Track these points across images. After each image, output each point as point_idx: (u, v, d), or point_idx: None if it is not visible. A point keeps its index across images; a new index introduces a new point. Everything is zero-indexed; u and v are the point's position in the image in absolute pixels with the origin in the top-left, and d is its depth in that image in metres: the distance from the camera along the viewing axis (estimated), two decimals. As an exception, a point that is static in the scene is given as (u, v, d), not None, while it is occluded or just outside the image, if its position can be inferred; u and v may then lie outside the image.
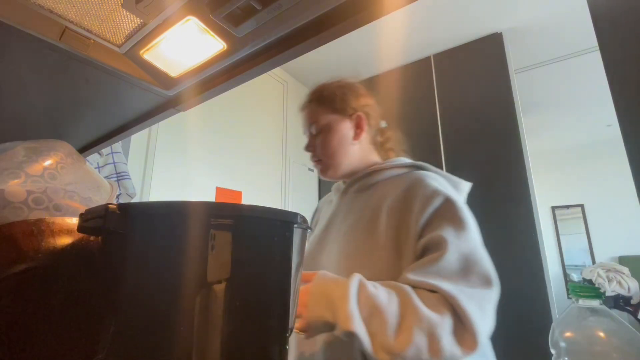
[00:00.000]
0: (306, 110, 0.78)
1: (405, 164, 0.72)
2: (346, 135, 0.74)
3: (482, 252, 0.57)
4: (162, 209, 0.29)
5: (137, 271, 0.29)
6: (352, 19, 0.43)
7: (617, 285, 2.28)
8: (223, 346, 0.27)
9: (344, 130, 0.74)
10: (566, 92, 3.13)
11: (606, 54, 0.37)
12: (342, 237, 0.67)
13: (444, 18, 2.17)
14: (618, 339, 0.38)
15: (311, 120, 0.75)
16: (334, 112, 0.74)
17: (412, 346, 0.46)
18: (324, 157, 0.74)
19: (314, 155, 0.76)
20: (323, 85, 0.79)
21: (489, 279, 0.54)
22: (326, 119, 0.74)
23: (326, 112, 0.74)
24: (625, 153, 0.34)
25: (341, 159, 0.73)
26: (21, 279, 0.35)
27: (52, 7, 0.46)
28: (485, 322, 0.51)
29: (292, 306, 0.33)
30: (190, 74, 0.58)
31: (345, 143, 0.73)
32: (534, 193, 1.87)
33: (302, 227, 0.35)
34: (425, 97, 2.39)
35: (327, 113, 0.74)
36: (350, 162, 0.74)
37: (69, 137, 0.78)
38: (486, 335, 0.50)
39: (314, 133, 0.75)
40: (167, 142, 1.83)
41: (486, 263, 0.55)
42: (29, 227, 0.37)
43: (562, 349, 0.41)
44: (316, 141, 0.74)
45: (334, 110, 0.74)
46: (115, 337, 0.27)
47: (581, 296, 0.43)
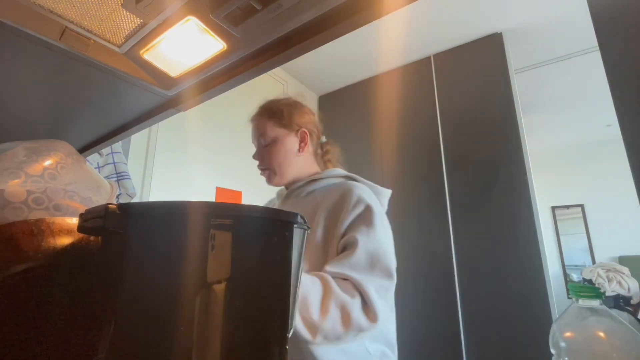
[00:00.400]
0: (255, 122, 0.87)
1: (340, 174, 0.84)
2: (291, 149, 0.84)
3: (388, 250, 0.68)
4: (162, 209, 0.29)
5: (137, 271, 0.29)
6: (352, 19, 0.43)
7: (617, 285, 2.29)
8: (223, 346, 0.27)
9: (289, 143, 0.84)
10: (566, 92, 3.13)
11: (606, 54, 0.37)
12: None
13: (444, 18, 2.16)
14: (618, 339, 0.38)
15: (260, 131, 0.84)
16: (281, 127, 0.84)
17: (329, 319, 0.57)
18: (270, 167, 0.83)
19: (261, 164, 0.84)
20: (272, 101, 0.89)
21: (390, 272, 0.66)
22: (274, 132, 0.83)
23: (274, 126, 0.84)
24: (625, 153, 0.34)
25: (286, 168, 0.83)
26: (21, 279, 0.35)
27: (52, 7, 0.46)
28: (383, 303, 0.63)
29: (292, 306, 0.33)
30: (190, 74, 0.58)
31: (291, 155, 0.84)
32: (534, 193, 1.87)
33: (302, 227, 0.35)
34: (425, 97, 2.39)
35: (274, 127, 0.84)
36: (294, 172, 0.84)
37: (69, 137, 0.78)
38: (385, 315, 0.62)
39: (264, 144, 0.83)
40: (167, 142, 1.83)
41: (388, 259, 0.67)
42: (29, 227, 0.37)
43: (562, 349, 0.41)
44: (264, 151, 0.83)
45: (281, 125, 0.84)
46: (115, 337, 0.27)
47: (581, 296, 0.43)
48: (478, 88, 2.21)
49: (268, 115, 0.85)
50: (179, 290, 0.27)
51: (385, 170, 2.41)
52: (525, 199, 1.87)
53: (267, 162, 0.83)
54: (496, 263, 1.86)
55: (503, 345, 1.75)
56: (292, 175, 0.84)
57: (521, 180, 1.91)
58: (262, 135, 0.84)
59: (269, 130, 0.83)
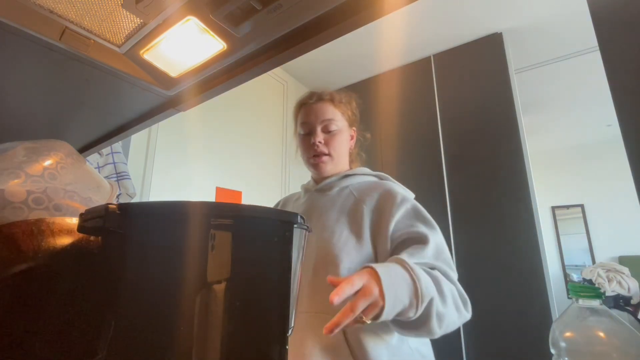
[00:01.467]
0: (323, 106, 0.83)
1: (370, 172, 0.86)
2: (347, 142, 0.87)
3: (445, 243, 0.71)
4: (162, 209, 0.29)
5: (137, 271, 0.29)
6: (352, 19, 0.43)
7: (617, 285, 2.28)
8: (223, 346, 0.27)
9: (348, 137, 0.86)
10: (566, 92, 3.13)
11: (606, 54, 0.37)
12: (321, 230, 0.74)
13: (444, 18, 2.16)
14: (618, 339, 0.38)
15: (329, 116, 0.82)
16: (345, 119, 0.85)
17: (449, 307, 0.58)
18: (332, 154, 0.82)
19: (319, 149, 0.81)
20: (338, 92, 0.87)
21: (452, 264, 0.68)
22: (342, 122, 0.84)
23: (342, 115, 0.84)
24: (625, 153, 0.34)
25: (340, 159, 0.84)
26: (21, 279, 0.35)
27: (52, 7, 0.46)
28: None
29: (292, 306, 0.33)
30: (190, 74, 0.58)
31: (346, 148, 0.86)
32: (534, 193, 1.87)
33: (302, 227, 0.35)
34: (425, 97, 2.39)
35: (342, 117, 0.84)
36: (341, 165, 0.85)
37: (69, 137, 0.78)
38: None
39: (328, 130, 0.82)
40: (167, 142, 1.83)
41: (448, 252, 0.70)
42: (29, 227, 0.37)
43: (562, 349, 0.41)
44: (328, 137, 0.82)
45: (346, 117, 0.85)
46: (115, 337, 0.27)
47: (581, 296, 0.43)
48: (478, 88, 2.21)
49: (337, 103, 0.84)
50: (179, 290, 0.27)
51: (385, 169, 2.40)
52: (525, 199, 1.87)
53: (330, 148, 0.82)
54: (496, 263, 1.86)
55: (503, 345, 1.75)
56: (339, 169, 0.85)
57: (521, 180, 1.91)
58: (331, 120, 0.82)
59: (338, 118, 0.83)
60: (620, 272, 2.35)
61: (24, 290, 0.35)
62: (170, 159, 1.83)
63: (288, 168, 2.65)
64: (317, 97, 0.85)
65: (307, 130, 0.83)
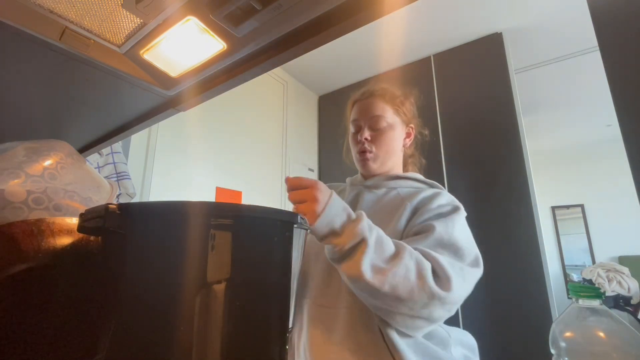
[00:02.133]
0: (373, 101, 0.81)
1: (422, 179, 0.82)
2: (400, 141, 0.82)
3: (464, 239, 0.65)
4: (162, 209, 0.29)
5: (137, 271, 0.29)
6: (352, 19, 0.43)
7: (617, 285, 2.28)
8: (223, 346, 0.27)
9: (400, 135, 0.82)
10: (566, 92, 3.13)
11: (606, 54, 0.37)
12: None
13: (444, 18, 2.16)
14: (618, 339, 0.38)
15: (379, 112, 0.79)
16: (397, 116, 0.81)
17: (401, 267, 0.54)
18: (378, 152, 0.79)
19: (365, 145, 0.79)
20: (390, 88, 0.84)
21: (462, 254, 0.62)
22: (393, 118, 0.80)
23: (394, 112, 0.81)
24: (625, 153, 0.34)
25: (389, 158, 0.80)
26: (21, 279, 0.35)
27: (52, 7, 0.46)
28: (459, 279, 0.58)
29: (292, 306, 0.33)
30: (190, 74, 0.58)
31: (398, 147, 0.82)
32: (534, 193, 1.87)
33: (302, 227, 0.35)
34: (425, 97, 2.38)
35: (394, 114, 0.80)
36: (390, 165, 0.82)
37: (69, 137, 0.78)
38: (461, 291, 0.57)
39: (378, 127, 0.79)
40: (167, 142, 1.83)
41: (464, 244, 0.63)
42: (29, 227, 0.37)
43: (562, 349, 0.41)
44: (376, 134, 0.79)
45: (399, 114, 0.82)
46: (115, 337, 0.27)
47: (581, 296, 0.43)
48: (478, 88, 2.21)
49: (389, 99, 0.81)
50: (179, 290, 0.27)
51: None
52: (525, 199, 1.87)
53: (376, 145, 0.78)
54: (496, 263, 1.86)
55: (503, 345, 1.75)
56: (388, 167, 0.81)
57: (521, 180, 1.91)
58: (380, 116, 0.78)
59: (389, 114, 0.79)
60: (620, 272, 2.35)
61: (24, 290, 0.35)
62: (171, 159, 1.83)
63: (288, 168, 2.64)
64: (369, 93, 0.82)
65: (356, 128, 0.81)
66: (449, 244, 0.62)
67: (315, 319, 0.68)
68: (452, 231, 0.64)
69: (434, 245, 0.61)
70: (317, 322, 0.67)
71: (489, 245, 1.89)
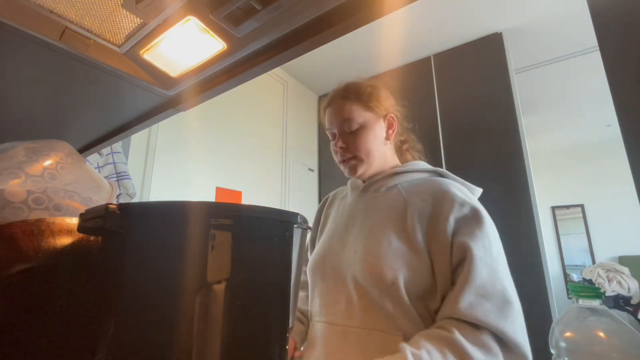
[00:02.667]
0: (337, 106, 0.75)
1: (425, 168, 0.74)
2: (380, 135, 0.75)
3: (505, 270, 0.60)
4: (162, 209, 0.29)
5: (137, 271, 0.29)
6: (352, 19, 0.43)
7: (617, 285, 2.28)
8: (223, 346, 0.27)
9: (378, 129, 0.75)
10: (566, 92, 3.13)
11: (606, 54, 0.37)
12: (366, 236, 0.67)
13: (444, 18, 2.16)
14: (618, 339, 0.38)
15: (345, 116, 0.73)
16: (369, 111, 0.74)
17: None
18: (358, 155, 0.73)
19: (345, 152, 0.74)
20: (354, 83, 0.78)
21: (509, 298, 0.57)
22: (363, 116, 0.73)
23: (362, 109, 0.74)
24: (625, 153, 0.34)
25: (374, 157, 0.74)
26: (21, 279, 0.35)
27: (52, 7, 0.46)
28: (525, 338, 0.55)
29: (292, 306, 0.33)
30: (190, 74, 0.58)
31: (379, 143, 0.75)
32: (534, 193, 1.87)
33: (302, 227, 0.35)
34: (425, 97, 2.39)
35: (362, 110, 0.74)
36: (380, 162, 0.75)
37: (69, 137, 0.78)
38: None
39: (348, 130, 0.73)
40: (167, 142, 1.83)
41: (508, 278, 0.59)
42: (29, 227, 0.37)
43: (562, 349, 0.41)
44: (349, 138, 0.73)
45: (369, 109, 0.75)
46: (115, 337, 0.27)
47: (581, 296, 0.43)
48: (478, 88, 2.21)
49: (354, 98, 0.74)
50: (179, 290, 0.27)
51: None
52: (525, 199, 1.87)
53: (354, 149, 0.72)
54: (496, 263, 1.86)
55: (503, 345, 1.75)
56: (378, 165, 0.75)
57: (521, 180, 1.91)
58: (348, 119, 0.73)
59: (357, 114, 0.73)
60: (620, 272, 2.35)
61: (24, 290, 0.35)
62: (170, 159, 1.83)
63: (288, 168, 2.65)
64: (332, 99, 0.77)
65: (331, 137, 0.77)
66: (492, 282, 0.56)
67: (326, 337, 0.64)
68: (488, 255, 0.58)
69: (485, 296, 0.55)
70: (328, 341, 0.64)
71: (489, 245, 1.89)
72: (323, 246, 0.74)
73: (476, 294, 0.54)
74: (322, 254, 0.72)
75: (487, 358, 0.51)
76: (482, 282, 0.55)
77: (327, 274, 0.69)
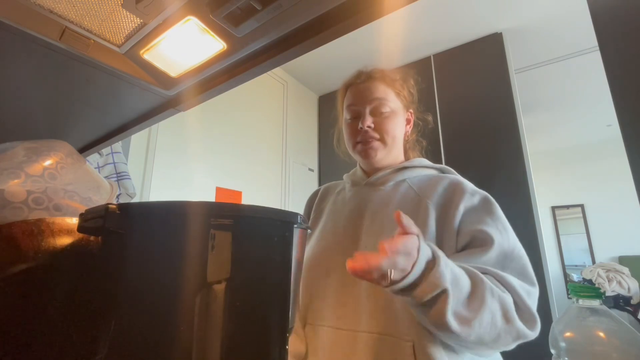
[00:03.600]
0: (373, 85, 0.72)
1: (429, 165, 0.73)
2: (403, 128, 0.74)
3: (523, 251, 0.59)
4: (162, 209, 0.29)
5: (137, 271, 0.29)
6: (352, 19, 0.43)
7: (617, 285, 2.29)
8: (223, 346, 0.27)
9: (403, 121, 0.74)
10: (566, 92, 3.13)
11: (606, 54, 0.37)
12: (378, 230, 0.63)
13: (444, 18, 2.17)
14: (618, 339, 0.38)
15: (381, 96, 0.70)
16: (400, 100, 0.73)
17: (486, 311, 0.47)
18: (386, 137, 0.69)
19: (369, 133, 0.69)
20: (392, 71, 0.76)
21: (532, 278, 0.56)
22: (395, 103, 0.72)
23: (395, 96, 0.72)
24: (625, 153, 0.34)
25: (395, 147, 0.72)
26: (21, 279, 0.35)
27: (52, 7, 0.46)
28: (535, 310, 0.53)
29: (292, 306, 0.33)
30: (190, 74, 0.58)
31: (402, 134, 0.73)
32: (534, 193, 1.87)
33: (302, 227, 0.35)
34: (425, 97, 2.39)
35: (395, 97, 0.72)
36: (395, 154, 0.73)
37: (69, 137, 0.78)
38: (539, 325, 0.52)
39: (381, 111, 0.70)
40: (167, 142, 1.83)
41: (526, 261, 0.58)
42: (29, 227, 0.37)
43: (562, 349, 0.41)
44: (379, 120, 0.70)
45: (400, 99, 0.73)
46: (115, 337, 0.27)
47: (581, 296, 0.43)
48: (478, 88, 2.21)
49: (390, 82, 0.72)
50: (179, 290, 0.27)
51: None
52: (525, 199, 1.87)
53: (381, 131, 0.69)
54: (496, 263, 1.86)
55: (503, 345, 1.75)
56: (392, 158, 0.72)
57: (521, 180, 1.91)
58: (383, 100, 0.69)
59: (391, 98, 0.71)
60: (620, 272, 2.35)
61: (24, 290, 0.35)
62: (170, 159, 1.83)
63: (288, 168, 2.65)
64: (366, 76, 0.73)
65: (354, 114, 0.72)
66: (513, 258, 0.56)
67: (333, 343, 0.59)
68: (508, 237, 0.57)
69: (501, 264, 0.55)
70: (335, 347, 0.59)
71: (489, 245, 1.89)
72: (323, 242, 0.70)
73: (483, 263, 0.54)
74: (324, 251, 0.68)
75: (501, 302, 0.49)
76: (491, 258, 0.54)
77: (332, 272, 0.64)
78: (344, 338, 0.59)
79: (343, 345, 0.58)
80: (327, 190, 0.83)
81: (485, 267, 0.53)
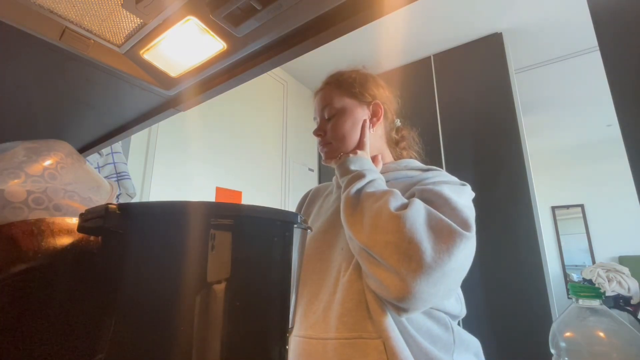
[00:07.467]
0: (321, 93, 0.75)
1: (417, 167, 0.71)
2: (357, 121, 0.71)
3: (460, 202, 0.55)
4: (162, 209, 0.29)
5: (137, 271, 0.29)
6: (352, 19, 0.43)
7: (617, 285, 2.29)
8: (223, 346, 0.27)
9: (358, 115, 0.71)
10: (566, 92, 3.13)
11: (606, 54, 0.37)
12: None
13: (444, 18, 2.17)
14: (618, 339, 0.38)
15: (325, 102, 0.72)
16: (350, 97, 0.72)
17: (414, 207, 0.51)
18: (333, 141, 0.70)
19: (323, 139, 0.72)
20: (341, 71, 0.77)
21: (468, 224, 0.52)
22: (341, 102, 0.71)
23: (342, 95, 0.72)
24: (625, 153, 0.34)
25: (350, 143, 0.70)
26: (21, 279, 0.35)
27: (52, 7, 0.46)
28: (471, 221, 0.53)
29: (292, 306, 0.33)
30: (190, 74, 0.58)
31: (356, 128, 0.70)
32: (534, 193, 1.87)
33: (302, 227, 0.35)
34: (425, 97, 2.39)
35: (343, 97, 0.72)
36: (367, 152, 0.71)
37: (69, 137, 0.78)
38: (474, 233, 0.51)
39: (327, 117, 0.71)
40: (167, 142, 1.83)
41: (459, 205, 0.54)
42: (29, 227, 0.37)
43: (562, 349, 0.41)
44: (327, 124, 0.72)
45: (350, 95, 0.72)
46: (115, 337, 0.27)
47: (581, 296, 0.43)
48: (478, 88, 2.21)
49: (336, 85, 0.73)
50: (179, 290, 0.27)
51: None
52: (525, 199, 1.87)
53: (331, 134, 0.70)
54: (496, 263, 1.86)
55: (503, 345, 1.75)
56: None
57: (521, 180, 1.91)
58: (327, 106, 0.71)
59: (336, 100, 0.71)
60: (620, 272, 2.35)
61: (24, 290, 0.35)
62: (170, 159, 1.83)
63: (288, 168, 2.65)
64: (319, 88, 0.77)
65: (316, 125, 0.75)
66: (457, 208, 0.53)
67: (304, 353, 0.57)
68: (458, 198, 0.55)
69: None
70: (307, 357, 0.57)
71: (489, 245, 1.89)
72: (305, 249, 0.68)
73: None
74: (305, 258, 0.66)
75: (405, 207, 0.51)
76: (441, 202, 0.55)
77: (309, 280, 0.63)
78: (313, 347, 0.57)
79: (313, 355, 0.56)
80: (317, 193, 0.83)
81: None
